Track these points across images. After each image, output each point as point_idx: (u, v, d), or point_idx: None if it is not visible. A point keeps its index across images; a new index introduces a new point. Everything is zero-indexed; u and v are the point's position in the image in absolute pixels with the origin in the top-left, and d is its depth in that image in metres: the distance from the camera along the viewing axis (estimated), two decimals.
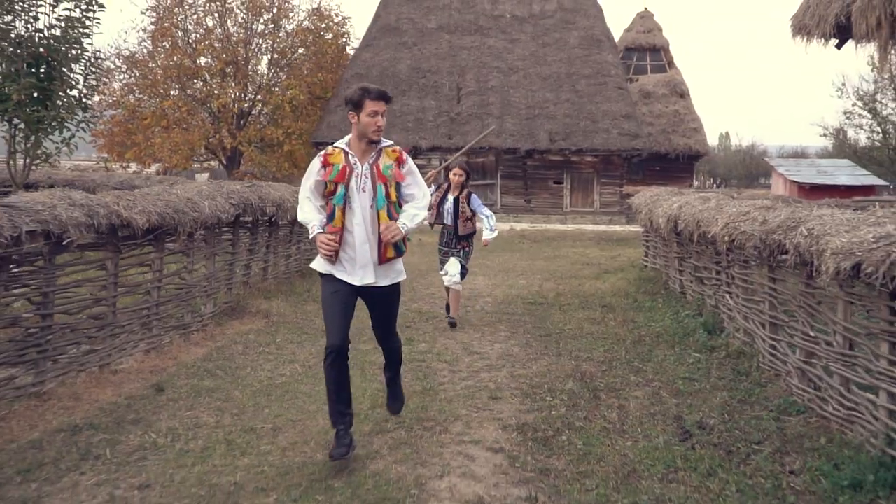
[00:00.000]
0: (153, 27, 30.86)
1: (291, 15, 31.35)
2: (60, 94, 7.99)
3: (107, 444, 4.58)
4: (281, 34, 31.31)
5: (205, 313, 7.98)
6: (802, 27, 9.05)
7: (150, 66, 30.71)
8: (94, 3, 8.23)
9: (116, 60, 30.09)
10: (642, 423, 5.07)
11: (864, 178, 22.25)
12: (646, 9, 38.91)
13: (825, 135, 38.11)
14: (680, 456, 4.47)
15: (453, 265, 8.24)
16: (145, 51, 30.39)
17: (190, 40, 30.57)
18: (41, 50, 7.70)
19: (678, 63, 39.17)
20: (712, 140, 58.17)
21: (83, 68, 8.57)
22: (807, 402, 5.27)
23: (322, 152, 4.39)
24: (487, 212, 8.39)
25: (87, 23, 8.26)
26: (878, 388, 4.29)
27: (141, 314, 6.83)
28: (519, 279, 12.62)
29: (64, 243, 5.25)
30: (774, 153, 60.56)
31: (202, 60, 30.53)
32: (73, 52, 8.15)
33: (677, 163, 34.65)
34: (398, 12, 30.68)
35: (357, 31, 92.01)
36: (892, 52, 8.06)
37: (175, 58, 29.67)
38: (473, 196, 8.39)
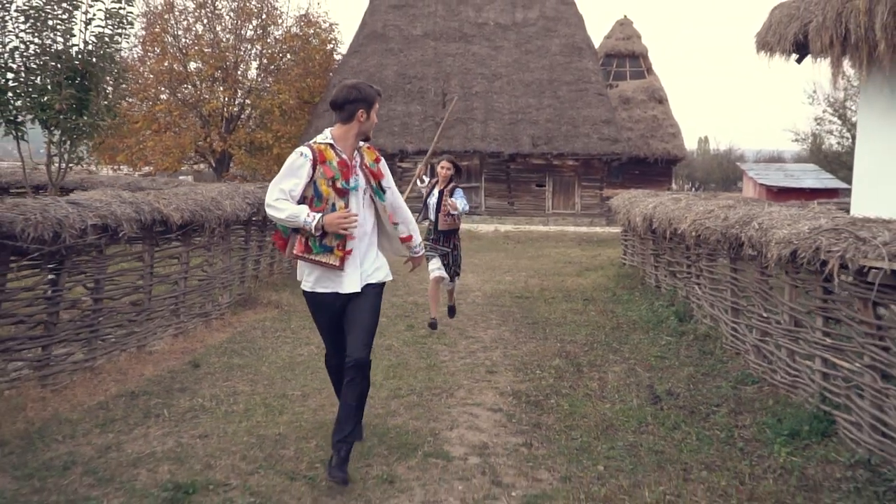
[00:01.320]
0: (143, 32, 31.45)
1: (280, 21, 32.07)
2: (94, 102, 8.73)
3: (163, 406, 5.35)
4: (269, 40, 32.00)
5: (222, 303, 8.73)
6: (765, 44, 9.98)
7: (140, 70, 31.27)
8: (123, 22, 9.00)
9: None
10: (619, 391, 5.91)
11: (829, 181, 23.43)
12: (625, 16, 39.98)
13: (797, 140, 39.35)
14: (650, 415, 5.31)
15: (434, 261, 8.22)
16: (136, 56, 30.92)
17: (180, 45, 31.16)
18: (77, 63, 8.45)
19: (657, 69, 40.29)
20: (691, 144, 59.43)
21: (113, 80, 9.31)
22: (761, 374, 6.13)
23: (304, 150, 4.10)
24: (465, 204, 8.15)
25: (118, 38, 9.03)
26: (815, 356, 5.15)
27: (170, 302, 7.58)
28: (505, 276, 13.44)
29: (120, 235, 6.00)
30: (752, 157, 61.96)
31: (192, 65, 31.16)
32: (105, 64, 8.89)
33: (656, 167, 35.67)
34: (384, 19, 31.44)
35: (344, 38, 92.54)
36: (844, 66, 8.97)
37: (166, 63, 30.26)
38: (458, 190, 8.23)
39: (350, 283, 4.12)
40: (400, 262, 4.97)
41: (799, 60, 9.99)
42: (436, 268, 8.25)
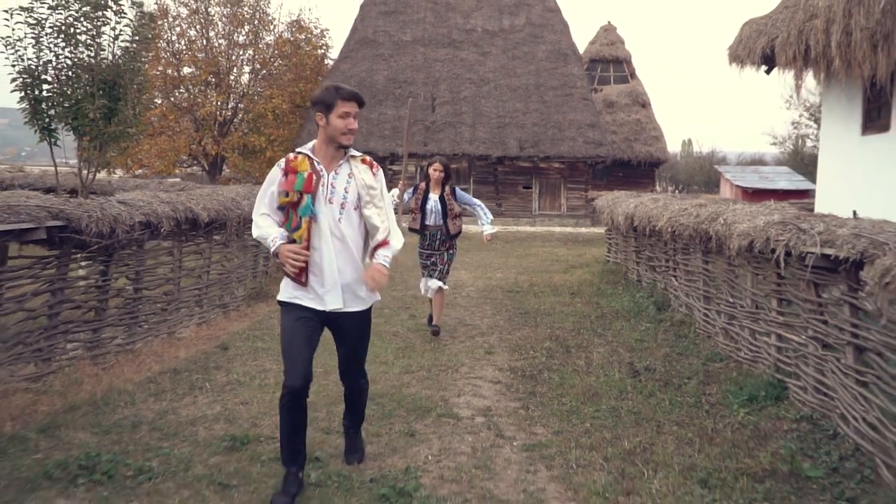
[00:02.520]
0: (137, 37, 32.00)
1: (272, 27, 32.75)
2: (123, 111, 9.46)
3: (203, 381, 6.09)
4: (261, 45, 32.68)
5: (238, 296, 9.47)
6: (736, 56, 10.85)
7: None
8: (147, 38, 9.75)
9: None
10: (603, 367, 6.71)
11: (800, 183, 24.47)
12: (609, 22, 40.93)
13: (775, 143, 40.42)
14: (630, 385, 6.11)
15: (433, 283, 7.99)
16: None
17: (173, 50, 31.76)
18: (107, 75, 9.18)
19: (640, 74, 41.30)
20: (675, 147, 60.47)
21: (138, 89, 10.04)
22: (728, 352, 6.94)
23: (282, 160, 3.98)
24: (479, 202, 8.28)
25: (144, 53, 9.76)
26: (771, 333, 5.97)
27: (195, 293, 8.31)
28: (496, 273, 14.22)
29: (162, 231, 6.75)
30: (734, 160, 63.10)
31: (186, 70, 31.77)
32: (132, 76, 9.61)
33: (639, 169, 36.63)
34: (375, 25, 32.20)
35: (335, 43, 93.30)
36: (806, 78, 9.84)
37: (160, 67, 30.85)
38: (458, 190, 8.11)
39: (332, 300, 3.87)
40: (401, 260, 5.41)
41: (767, 72, 10.87)
42: (430, 284, 7.97)
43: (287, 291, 3.95)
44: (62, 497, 3.83)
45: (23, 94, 8.94)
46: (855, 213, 5.37)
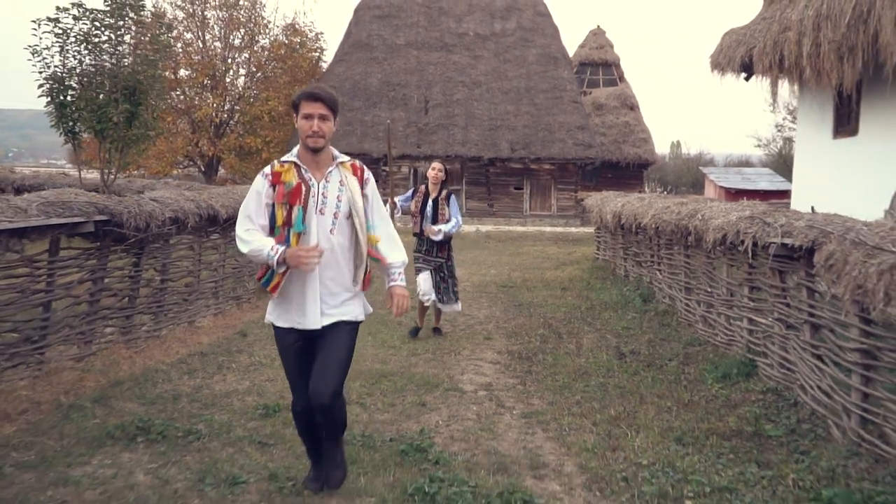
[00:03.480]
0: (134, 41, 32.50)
1: (267, 30, 33.35)
2: (143, 116, 10.06)
3: (229, 362, 6.69)
4: (256, 48, 33.27)
5: (249, 288, 10.06)
6: (717, 64, 11.53)
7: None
8: (166, 47, 10.36)
9: None
10: (592, 350, 7.35)
11: (781, 184, 25.26)
12: (598, 26, 41.63)
13: (759, 146, 41.25)
14: (616, 366, 6.74)
15: (425, 281, 7.83)
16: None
17: (170, 53, 32.24)
18: (129, 81, 9.78)
19: (629, 77, 41.99)
20: (664, 149, 61.19)
21: (157, 94, 10.63)
22: (706, 337, 7.59)
23: (266, 169, 3.68)
24: (457, 221, 7.83)
25: (160, 63, 10.35)
26: (743, 317, 6.63)
27: (212, 285, 8.90)
28: (490, 270, 14.85)
29: (189, 226, 7.34)
30: (721, 161, 63.94)
31: (182, 72, 32.29)
32: (151, 82, 10.21)
33: (628, 170, 37.33)
34: (369, 29, 32.80)
35: (330, 46, 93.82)
36: (781, 85, 10.52)
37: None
38: (453, 198, 7.94)
39: (311, 318, 3.62)
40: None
41: (747, 79, 11.55)
42: (425, 292, 7.80)
43: (271, 313, 3.77)
44: (126, 452, 4.43)
45: (49, 98, 9.54)
46: (812, 208, 6.02)
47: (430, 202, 7.85)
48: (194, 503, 3.77)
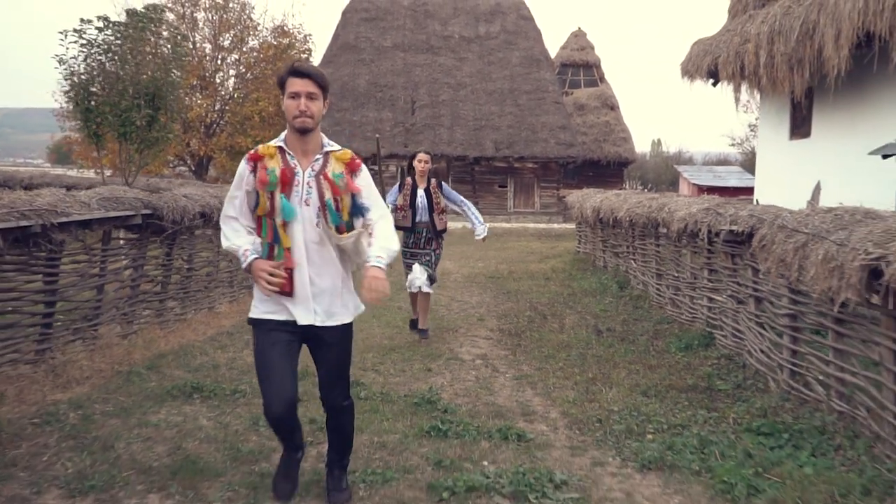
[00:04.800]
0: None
1: (256, 32, 34.10)
2: (162, 119, 10.94)
3: None
4: (245, 49, 34.01)
5: None
6: (687, 71, 12.55)
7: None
8: (182, 57, 11.23)
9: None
10: (573, 328, 8.31)
11: (749, 181, 26.48)
12: (579, 28, 42.75)
13: (733, 144, 42.52)
14: (594, 340, 7.71)
15: (420, 270, 7.56)
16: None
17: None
18: (148, 88, 10.66)
19: (610, 78, 43.16)
20: (645, 147, 62.28)
21: (173, 100, 11.51)
22: (674, 317, 8.57)
23: (250, 153, 3.41)
24: (467, 203, 7.92)
25: (177, 72, 11.23)
26: (704, 296, 7.62)
27: (228, 275, 9.78)
28: (477, 263, 15.81)
29: (214, 221, 8.22)
30: (700, 159, 65.17)
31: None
32: (169, 88, 11.08)
33: (608, 169, 38.44)
34: (356, 31, 33.70)
35: (318, 48, 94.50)
36: (742, 91, 11.54)
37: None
38: (446, 185, 7.82)
39: (302, 314, 3.41)
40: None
41: (714, 84, 12.58)
42: (416, 278, 7.54)
43: (258, 307, 3.48)
44: (186, 405, 5.34)
45: (75, 104, 10.40)
46: (757, 200, 7.02)
47: (420, 193, 7.57)
48: (252, 439, 4.67)
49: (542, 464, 4.29)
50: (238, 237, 3.42)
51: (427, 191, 7.59)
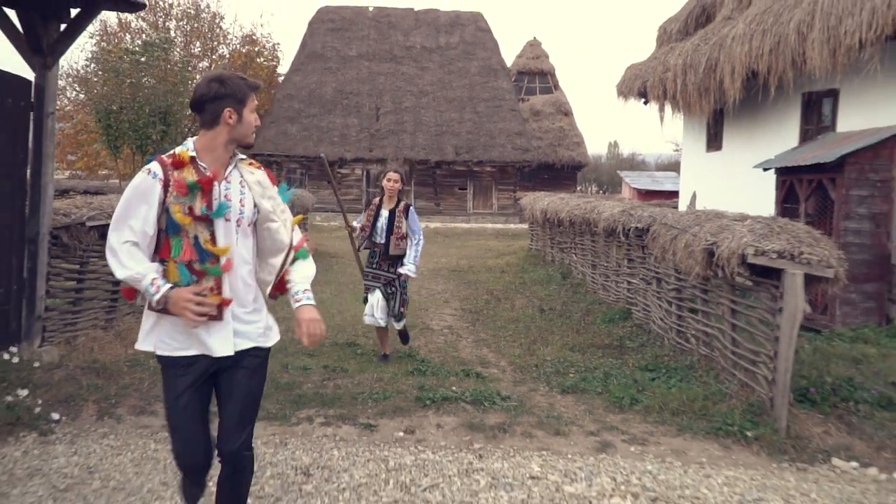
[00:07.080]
0: (95, 48, 34.33)
1: (226, 41, 35.52)
2: (172, 134, 12.57)
3: (280, 308, 9.32)
4: (215, 57, 35.40)
5: None
6: (621, 91, 14.55)
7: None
8: (188, 78, 12.88)
9: (67, 78, 33.42)
10: (522, 308, 10.20)
11: None
12: (535, 38, 44.97)
13: (677, 150, 45.00)
14: (538, 316, 9.60)
15: (377, 304, 7.00)
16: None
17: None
18: (161, 105, 12.28)
19: (564, 85, 45.35)
20: (602, 150, 64.55)
21: (184, 117, 13.14)
22: (603, 299, 10.50)
23: (152, 165, 2.95)
24: (419, 237, 7.08)
25: (184, 86, 12.87)
26: (624, 280, 9.56)
27: None
28: (441, 259, 17.65)
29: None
30: (653, 162, 67.93)
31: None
32: (178, 106, 12.71)
33: (563, 172, 40.66)
34: (323, 41, 35.32)
35: (286, 57, 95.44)
36: (666, 111, 13.56)
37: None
38: (412, 210, 7.07)
39: (221, 343, 2.99)
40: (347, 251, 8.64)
41: (645, 104, 14.59)
42: (371, 314, 7.04)
43: (165, 343, 3.01)
44: None
45: (97, 120, 11.97)
46: (694, 194, 8.94)
47: (383, 214, 6.93)
48: (284, 377, 6.43)
49: (493, 386, 6.15)
50: (140, 264, 2.87)
51: (392, 213, 6.91)
